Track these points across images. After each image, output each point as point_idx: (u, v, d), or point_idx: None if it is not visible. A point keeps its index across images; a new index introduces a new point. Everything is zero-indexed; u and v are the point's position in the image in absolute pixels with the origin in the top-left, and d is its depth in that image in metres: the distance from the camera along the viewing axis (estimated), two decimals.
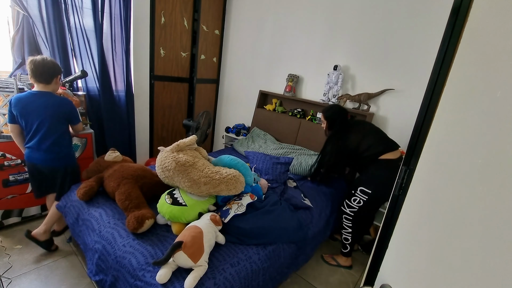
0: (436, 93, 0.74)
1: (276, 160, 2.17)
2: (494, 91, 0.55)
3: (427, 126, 0.74)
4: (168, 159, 1.62)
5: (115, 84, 2.70)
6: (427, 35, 2.17)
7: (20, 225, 2.13)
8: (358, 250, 2.40)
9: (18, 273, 1.72)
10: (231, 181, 1.58)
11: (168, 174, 1.61)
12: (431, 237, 0.68)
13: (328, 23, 2.72)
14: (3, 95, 1.88)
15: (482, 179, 0.56)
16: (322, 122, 2.20)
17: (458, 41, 0.66)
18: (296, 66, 3.03)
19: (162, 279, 1.17)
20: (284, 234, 1.61)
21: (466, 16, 0.65)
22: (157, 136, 3.36)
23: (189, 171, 1.58)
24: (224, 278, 1.25)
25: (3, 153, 1.89)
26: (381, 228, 0.92)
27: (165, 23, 2.98)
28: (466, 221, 0.59)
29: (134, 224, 1.42)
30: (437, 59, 0.75)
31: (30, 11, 2.09)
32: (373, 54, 2.48)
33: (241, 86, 3.61)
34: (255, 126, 3.27)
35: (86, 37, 2.39)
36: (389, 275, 0.83)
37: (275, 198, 1.78)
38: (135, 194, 1.62)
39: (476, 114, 0.59)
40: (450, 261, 0.62)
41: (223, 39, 3.66)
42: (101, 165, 1.90)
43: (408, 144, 0.82)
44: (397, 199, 0.84)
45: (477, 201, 0.57)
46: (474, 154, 0.58)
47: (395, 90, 2.40)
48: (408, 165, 0.81)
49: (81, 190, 1.71)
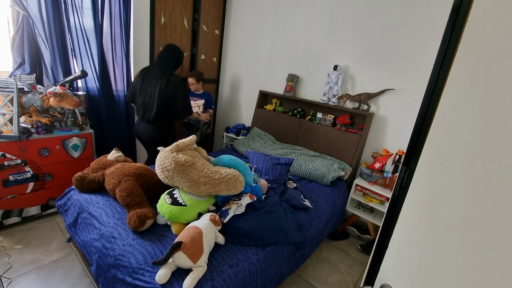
0: (436, 93, 0.74)
1: (277, 160, 2.17)
2: (494, 91, 0.55)
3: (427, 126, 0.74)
4: (167, 159, 1.62)
5: (115, 84, 2.70)
6: (427, 35, 2.17)
7: (20, 225, 2.13)
8: (358, 250, 2.40)
9: (18, 273, 1.72)
10: (231, 180, 1.58)
11: (167, 174, 1.61)
12: (431, 237, 0.68)
13: (328, 23, 2.72)
14: (3, 95, 1.88)
15: (482, 179, 0.56)
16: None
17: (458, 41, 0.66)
18: (296, 66, 3.03)
19: (161, 279, 1.17)
20: (283, 235, 1.60)
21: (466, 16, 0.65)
22: None
23: (188, 171, 1.58)
24: (222, 280, 1.25)
25: (3, 153, 1.89)
26: (381, 228, 0.92)
27: (165, 23, 2.98)
28: (466, 221, 0.59)
29: (136, 222, 1.43)
30: (437, 59, 0.75)
31: (30, 11, 2.09)
32: (373, 54, 2.48)
33: (241, 86, 3.61)
34: (255, 126, 3.27)
35: (86, 37, 2.39)
36: (389, 275, 0.83)
37: (275, 199, 1.78)
38: (136, 191, 1.62)
39: (476, 114, 0.59)
40: (450, 261, 0.62)
41: (223, 39, 3.66)
42: (103, 164, 1.91)
43: (408, 144, 0.82)
44: (397, 199, 0.84)
45: (477, 201, 0.57)
46: (474, 154, 0.58)
47: (395, 90, 2.40)
48: (408, 165, 0.80)
49: (76, 175, 1.81)
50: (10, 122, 1.86)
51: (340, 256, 2.28)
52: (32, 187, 2.09)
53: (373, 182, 2.42)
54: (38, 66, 2.26)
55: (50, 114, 2.20)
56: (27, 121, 2.07)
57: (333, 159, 2.60)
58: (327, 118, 2.72)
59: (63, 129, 2.17)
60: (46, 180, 2.14)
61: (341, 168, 2.47)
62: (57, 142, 2.11)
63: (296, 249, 1.71)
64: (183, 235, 1.32)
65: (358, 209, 2.54)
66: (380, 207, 2.33)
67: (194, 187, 1.56)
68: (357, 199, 2.45)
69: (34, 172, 2.06)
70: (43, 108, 2.10)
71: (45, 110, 2.16)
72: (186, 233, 1.32)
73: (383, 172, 2.36)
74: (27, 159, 2.00)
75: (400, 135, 2.43)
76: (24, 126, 2.00)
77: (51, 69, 2.30)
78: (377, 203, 2.36)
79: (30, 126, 2.03)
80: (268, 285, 1.52)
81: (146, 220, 1.45)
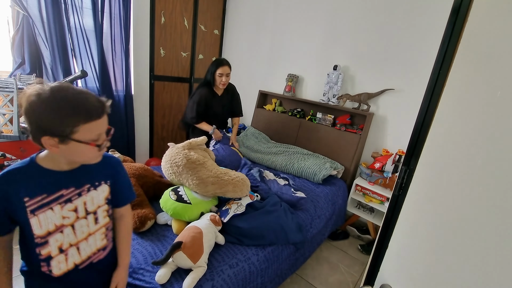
0: (436, 93, 0.74)
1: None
2: (494, 91, 0.55)
3: (427, 126, 0.74)
4: (179, 155, 1.65)
5: (115, 84, 2.70)
6: (427, 35, 2.17)
7: None
8: (358, 250, 2.40)
9: (18, 273, 1.71)
10: (239, 183, 1.61)
11: (176, 170, 1.63)
12: (431, 237, 0.68)
13: (328, 23, 2.72)
14: (3, 95, 1.88)
15: (482, 179, 0.56)
16: None
17: (458, 41, 0.66)
18: (296, 66, 3.03)
19: (161, 279, 1.17)
20: (283, 235, 1.61)
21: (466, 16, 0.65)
22: (157, 136, 3.35)
23: (198, 169, 1.61)
24: (222, 280, 1.25)
25: (3, 153, 1.89)
26: (381, 228, 0.92)
27: (165, 23, 2.98)
28: (466, 221, 0.59)
29: (137, 223, 1.43)
30: (437, 59, 0.75)
31: (30, 11, 2.09)
32: (373, 54, 2.48)
33: (241, 86, 3.58)
34: (254, 126, 3.27)
35: (86, 37, 2.39)
36: (389, 275, 0.83)
37: (275, 199, 1.78)
38: (137, 191, 1.62)
39: (476, 114, 0.59)
40: (450, 261, 0.62)
41: (223, 39, 3.65)
42: None
43: (408, 144, 0.82)
44: (397, 199, 0.84)
45: (477, 201, 0.57)
46: (474, 154, 0.58)
47: (395, 90, 2.40)
48: (408, 165, 0.81)
49: None
50: (10, 122, 1.86)
51: (340, 256, 2.28)
52: None
53: (373, 182, 2.43)
54: (38, 66, 2.25)
55: None
56: None
57: (326, 158, 2.60)
58: (327, 118, 2.72)
59: None
60: None
61: (333, 167, 2.47)
62: None
63: (296, 249, 1.71)
64: (183, 235, 1.32)
65: (358, 209, 2.54)
66: (380, 207, 2.33)
67: (201, 185, 1.57)
68: (357, 199, 2.45)
69: None
70: None
71: None
72: (186, 233, 1.32)
73: (383, 172, 2.36)
74: None
75: (400, 135, 2.43)
76: (24, 126, 2.00)
77: (51, 69, 2.30)
78: (377, 203, 2.36)
79: None
80: (268, 285, 1.52)
81: (147, 221, 1.45)
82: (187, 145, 1.73)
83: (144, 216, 1.45)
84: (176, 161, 1.63)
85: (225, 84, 2.36)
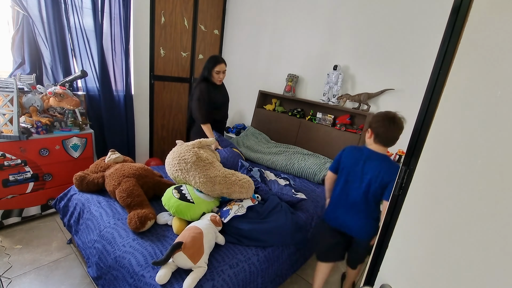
0: (436, 93, 0.74)
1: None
2: (494, 91, 0.55)
3: (427, 126, 0.74)
4: (189, 153, 1.67)
5: (115, 84, 2.70)
6: (427, 35, 2.17)
7: (20, 225, 2.13)
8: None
9: (18, 273, 1.72)
10: (245, 185, 1.64)
11: (184, 167, 1.64)
12: (431, 237, 0.68)
13: (328, 23, 2.72)
14: (3, 95, 1.88)
15: (482, 179, 0.56)
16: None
17: (458, 41, 0.66)
18: (296, 66, 3.03)
19: (161, 279, 1.17)
20: (283, 236, 1.60)
21: (466, 16, 0.65)
22: (157, 136, 3.35)
23: (207, 168, 1.63)
24: (222, 280, 1.25)
25: (3, 153, 1.89)
26: (381, 228, 0.92)
27: (165, 23, 2.98)
28: (466, 221, 0.59)
29: (137, 223, 1.43)
30: (437, 59, 0.75)
31: (30, 11, 2.09)
32: (373, 54, 2.48)
33: (241, 86, 3.60)
34: (254, 126, 3.27)
35: (86, 37, 2.39)
36: (389, 275, 0.83)
37: (275, 201, 1.78)
38: (137, 191, 1.62)
39: (476, 114, 0.59)
40: (450, 261, 0.62)
41: (222, 39, 3.65)
42: (101, 167, 1.90)
43: (408, 144, 0.82)
44: (397, 199, 0.84)
45: (477, 201, 0.57)
46: (474, 154, 0.58)
47: (395, 90, 2.40)
48: (408, 165, 0.80)
49: (76, 174, 1.81)
50: (10, 122, 1.86)
51: None
52: (32, 187, 2.09)
53: None
54: (38, 66, 2.26)
55: (50, 114, 2.20)
56: (27, 121, 2.07)
57: (326, 158, 2.60)
58: (327, 118, 2.72)
59: (63, 129, 2.17)
60: (46, 180, 2.14)
61: None
62: (57, 142, 2.11)
63: (296, 249, 1.71)
64: (183, 235, 1.32)
65: None
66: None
67: (208, 184, 1.59)
68: None
69: (34, 172, 2.06)
70: (43, 108, 2.10)
71: (45, 110, 2.16)
72: (187, 233, 1.32)
73: None
74: (27, 159, 2.00)
75: (400, 135, 2.42)
76: (24, 126, 2.00)
77: (51, 69, 2.30)
78: None
79: (30, 126, 2.03)
80: (269, 285, 1.52)
81: (147, 221, 1.45)
82: (197, 144, 1.77)
83: (144, 216, 1.45)
84: (185, 157, 1.65)
85: (221, 81, 2.51)
